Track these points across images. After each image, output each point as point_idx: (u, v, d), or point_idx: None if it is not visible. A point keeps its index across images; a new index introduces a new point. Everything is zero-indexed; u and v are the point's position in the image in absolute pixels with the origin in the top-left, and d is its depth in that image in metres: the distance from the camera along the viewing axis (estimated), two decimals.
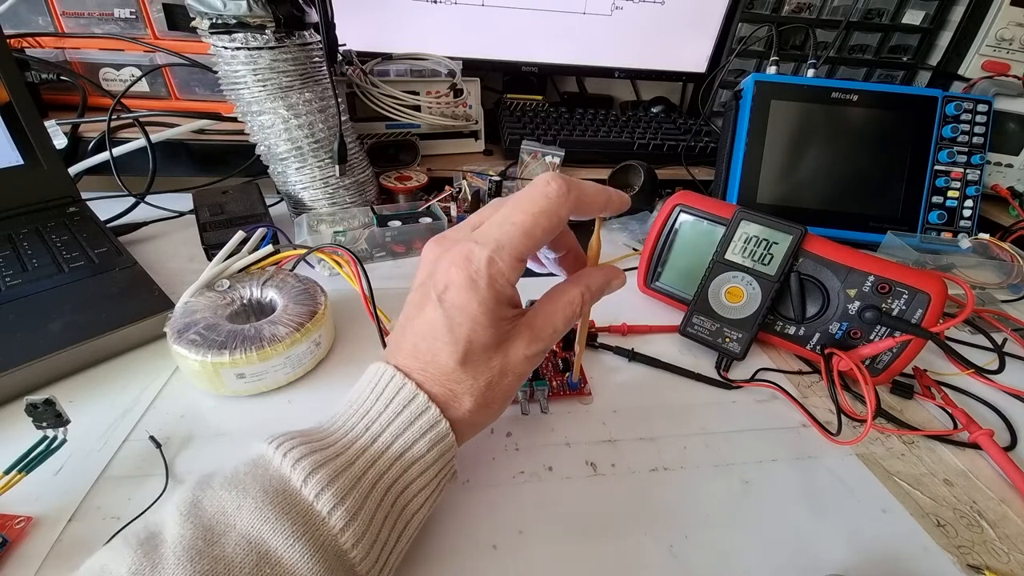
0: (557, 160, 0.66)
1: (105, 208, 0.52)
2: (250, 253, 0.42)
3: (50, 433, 0.28)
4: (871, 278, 0.38)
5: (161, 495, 0.28)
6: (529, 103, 0.80)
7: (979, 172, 0.62)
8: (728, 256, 0.42)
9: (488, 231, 0.25)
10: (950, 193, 0.62)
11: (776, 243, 0.40)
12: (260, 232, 0.45)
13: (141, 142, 0.56)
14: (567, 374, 0.38)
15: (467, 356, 0.25)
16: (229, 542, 0.19)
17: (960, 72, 0.76)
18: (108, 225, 0.50)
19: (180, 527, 0.20)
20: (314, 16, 0.48)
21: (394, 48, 0.68)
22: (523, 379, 0.27)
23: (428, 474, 0.24)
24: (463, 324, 0.24)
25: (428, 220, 0.54)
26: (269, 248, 0.43)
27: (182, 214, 0.57)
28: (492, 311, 0.25)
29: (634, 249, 0.58)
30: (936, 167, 0.62)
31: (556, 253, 0.31)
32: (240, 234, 0.43)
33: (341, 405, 0.26)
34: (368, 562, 0.21)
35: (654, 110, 0.87)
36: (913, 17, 0.78)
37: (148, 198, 0.56)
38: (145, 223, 0.55)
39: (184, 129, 0.60)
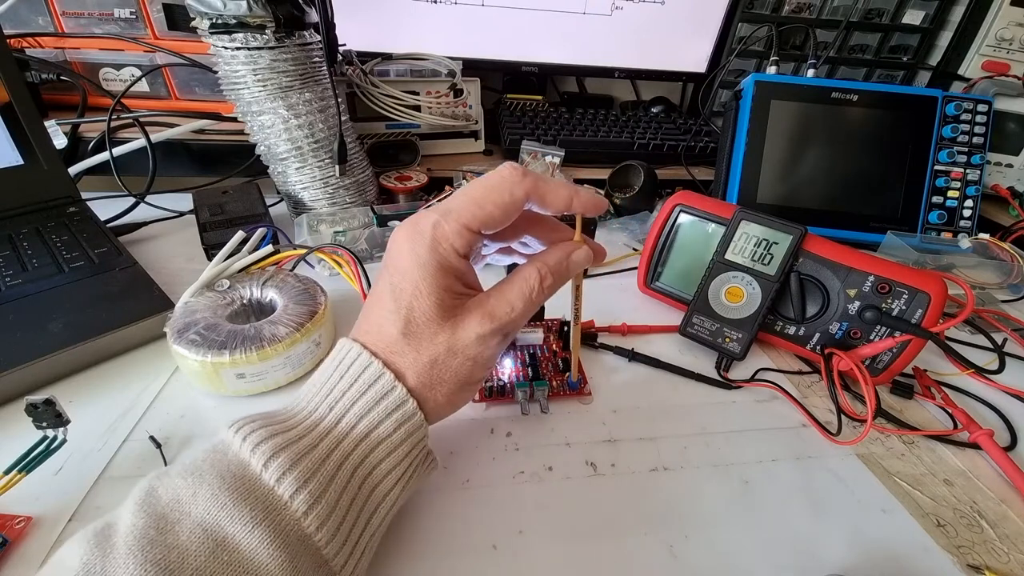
0: (557, 160, 0.66)
1: (105, 208, 0.52)
2: (250, 253, 0.42)
3: (50, 433, 0.28)
4: (871, 278, 0.38)
5: None
6: (529, 103, 0.80)
7: (979, 172, 0.62)
8: (728, 256, 0.42)
9: (441, 203, 0.25)
10: (950, 193, 0.62)
11: (776, 243, 0.40)
12: (260, 232, 0.45)
13: (141, 142, 0.56)
14: (567, 374, 0.38)
15: (408, 326, 0.24)
16: (183, 530, 0.19)
17: (960, 72, 0.76)
18: (108, 225, 0.51)
19: (133, 516, 0.19)
20: (314, 16, 0.48)
21: (394, 48, 0.68)
22: (480, 364, 0.26)
23: (396, 455, 0.24)
24: (405, 289, 0.24)
25: None
26: (269, 248, 0.43)
27: (182, 214, 0.57)
28: (433, 277, 0.24)
29: (634, 249, 0.58)
30: (936, 167, 0.62)
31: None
32: (240, 234, 0.43)
33: (307, 384, 0.25)
34: (335, 545, 0.21)
35: (654, 110, 0.87)
36: (913, 17, 0.78)
37: (148, 198, 0.56)
38: (145, 223, 0.55)
39: (184, 129, 0.60)
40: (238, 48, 0.45)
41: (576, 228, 0.29)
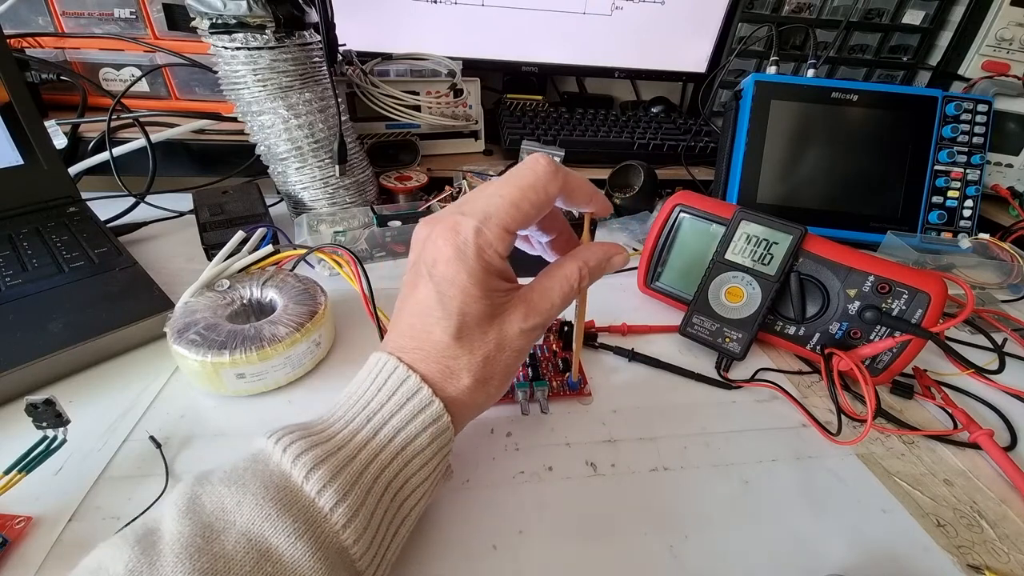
0: (557, 160, 0.66)
1: (105, 208, 0.52)
2: (250, 253, 0.42)
3: (50, 433, 0.28)
4: (871, 278, 0.38)
5: (161, 495, 0.28)
6: (529, 103, 0.80)
7: (979, 172, 0.62)
8: (728, 256, 0.42)
9: (475, 204, 0.25)
10: (950, 193, 0.62)
11: (776, 243, 0.40)
12: (260, 232, 0.45)
13: (141, 142, 0.56)
14: (567, 374, 0.38)
15: (461, 330, 0.25)
16: (229, 539, 0.19)
17: (960, 72, 0.76)
18: (108, 225, 0.50)
19: (178, 524, 0.19)
20: (314, 16, 0.48)
21: (394, 48, 0.68)
22: (522, 355, 0.27)
23: (427, 468, 0.24)
24: (455, 297, 0.24)
25: None
26: (269, 248, 0.43)
27: (182, 214, 0.57)
28: (482, 282, 0.24)
29: (634, 249, 0.58)
30: (936, 167, 0.62)
31: (547, 236, 0.31)
32: (240, 234, 0.43)
33: (342, 396, 0.26)
34: (367, 558, 0.21)
35: (654, 110, 0.87)
36: (913, 17, 0.78)
37: (148, 198, 0.56)
38: (145, 223, 0.55)
39: (184, 129, 0.60)
40: (238, 48, 0.45)
41: (585, 229, 0.30)
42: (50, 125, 0.54)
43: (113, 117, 0.56)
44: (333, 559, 0.20)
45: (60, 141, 0.55)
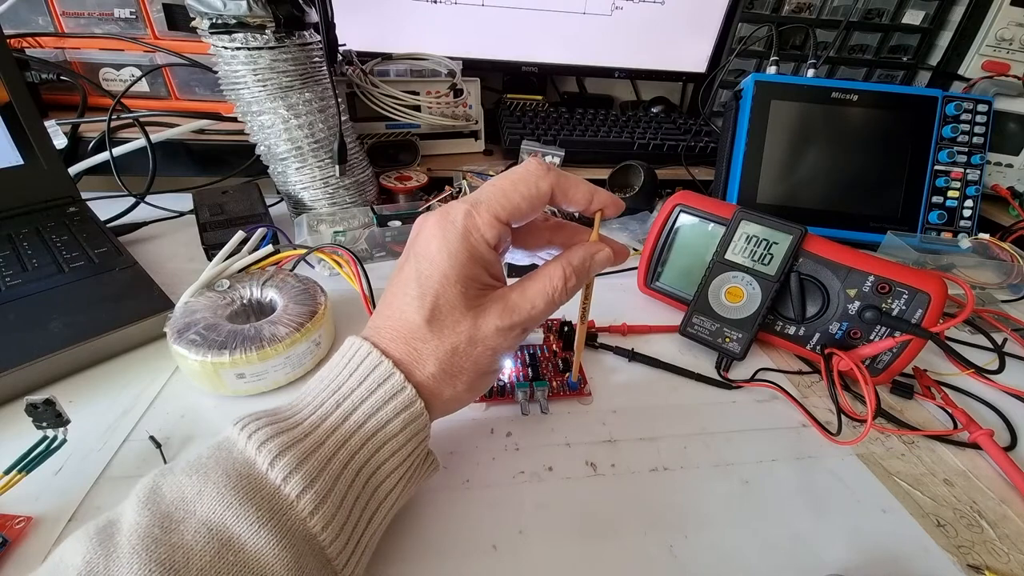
0: (557, 160, 0.66)
1: (105, 208, 0.52)
2: (250, 253, 0.42)
3: (50, 433, 0.28)
4: (871, 278, 0.38)
5: None
6: (529, 103, 0.80)
7: (979, 172, 0.62)
8: (728, 256, 0.42)
9: (470, 195, 0.26)
10: (950, 193, 0.62)
11: (776, 243, 0.40)
12: (260, 232, 0.45)
13: (141, 142, 0.56)
14: (567, 374, 0.38)
15: (434, 314, 0.25)
16: (188, 529, 0.19)
17: (960, 72, 0.76)
18: (108, 225, 0.51)
19: (137, 514, 0.19)
20: (314, 16, 0.48)
21: (394, 48, 0.68)
22: (497, 356, 0.26)
23: (400, 454, 0.24)
24: (432, 276, 0.24)
25: None
26: (269, 248, 0.43)
27: (182, 214, 0.57)
28: (463, 266, 0.24)
29: (634, 249, 0.58)
30: (936, 167, 0.62)
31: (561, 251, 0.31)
32: (240, 234, 0.43)
33: (313, 380, 0.25)
34: (338, 544, 0.21)
35: (654, 110, 0.87)
36: (913, 17, 0.78)
37: (148, 198, 0.56)
38: (145, 223, 0.55)
39: (184, 129, 0.60)
40: (238, 48, 0.45)
41: (594, 228, 0.30)
42: (50, 125, 0.54)
43: (113, 117, 0.56)
44: (300, 547, 0.20)
45: (60, 141, 0.55)
